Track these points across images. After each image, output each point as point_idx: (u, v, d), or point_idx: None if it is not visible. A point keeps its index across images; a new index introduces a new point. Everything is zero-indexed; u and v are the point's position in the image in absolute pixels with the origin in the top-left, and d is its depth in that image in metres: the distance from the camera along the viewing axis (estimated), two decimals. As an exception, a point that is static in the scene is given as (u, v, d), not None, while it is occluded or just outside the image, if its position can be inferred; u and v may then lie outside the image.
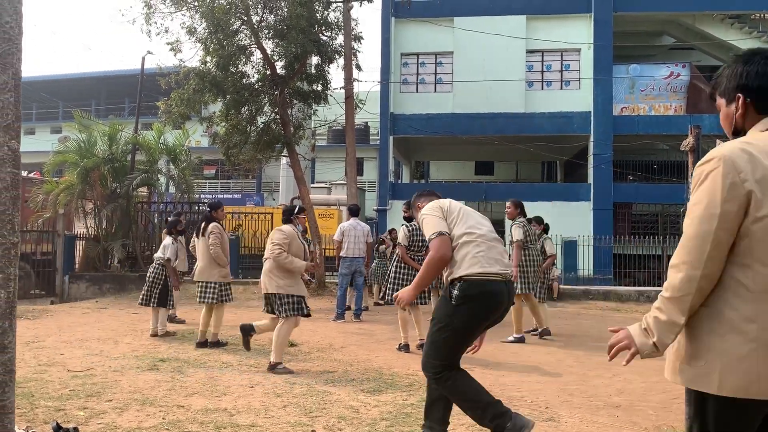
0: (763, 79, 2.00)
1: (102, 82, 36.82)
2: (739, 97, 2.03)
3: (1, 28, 1.80)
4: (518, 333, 8.14)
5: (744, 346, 1.84)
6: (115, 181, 16.93)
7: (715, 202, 1.85)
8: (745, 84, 2.02)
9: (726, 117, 2.11)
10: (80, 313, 11.40)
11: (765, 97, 2.00)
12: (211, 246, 7.59)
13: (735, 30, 21.51)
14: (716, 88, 2.17)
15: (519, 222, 8.24)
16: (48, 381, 5.64)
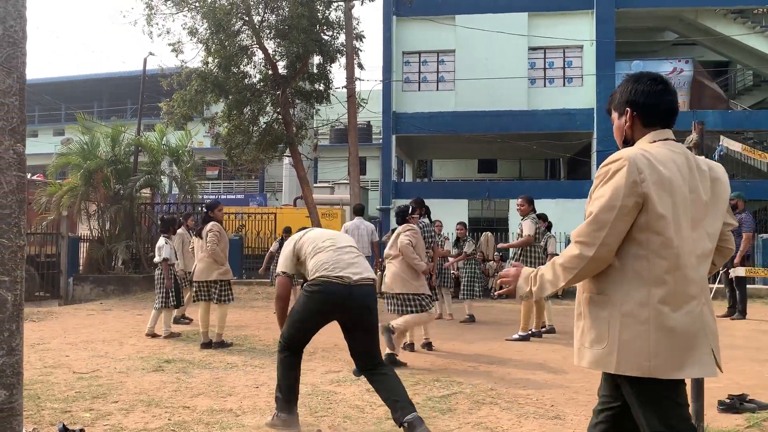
0: (649, 97, 2.33)
1: (104, 84, 36.88)
2: (628, 111, 2.35)
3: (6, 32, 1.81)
4: (523, 331, 8.13)
5: (637, 329, 2.10)
6: (118, 182, 16.96)
7: (618, 196, 2.11)
8: (634, 100, 2.34)
9: (617, 128, 2.43)
10: (85, 314, 11.42)
11: (649, 113, 2.33)
12: (209, 243, 7.58)
13: (738, 25, 21.44)
14: (611, 102, 2.46)
15: (531, 218, 8.27)
16: (54, 383, 5.65)
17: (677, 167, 2.19)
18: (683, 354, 2.10)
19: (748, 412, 4.56)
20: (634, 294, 2.12)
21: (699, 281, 2.17)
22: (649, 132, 2.33)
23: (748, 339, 8.13)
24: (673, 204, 2.13)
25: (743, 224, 9.87)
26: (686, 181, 2.19)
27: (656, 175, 2.13)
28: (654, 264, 2.11)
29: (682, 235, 2.14)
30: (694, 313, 2.13)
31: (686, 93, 21.18)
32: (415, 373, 6.07)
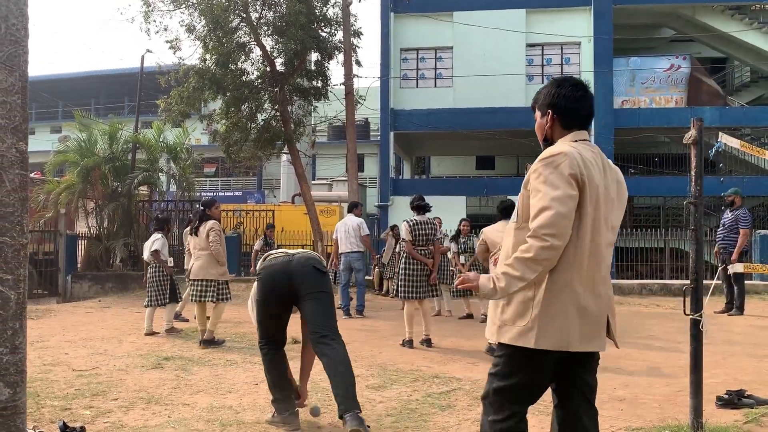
0: (568, 101, 2.52)
1: (101, 81, 36.82)
2: (550, 113, 2.56)
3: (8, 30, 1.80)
4: None
5: (558, 307, 2.32)
6: (116, 180, 16.93)
7: (569, 184, 2.31)
8: (555, 104, 2.54)
9: (539, 127, 2.65)
10: (83, 312, 11.41)
11: (568, 116, 2.53)
12: (212, 243, 7.51)
13: (735, 21, 21.45)
14: (535, 102, 2.67)
15: None
16: (53, 380, 5.65)
17: (596, 166, 2.42)
18: (591, 330, 2.38)
19: (746, 407, 4.58)
20: (559, 275, 2.33)
21: (607, 268, 2.45)
22: (568, 133, 2.53)
23: (746, 335, 8.16)
24: (595, 199, 2.36)
25: (740, 220, 9.87)
26: (602, 179, 2.42)
27: (587, 171, 2.35)
28: (577, 251, 2.33)
29: (599, 227, 2.38)
30: (604, 295, 2.42)
31: (683, 89, 21.19)
32: (414, 369, 6.09)
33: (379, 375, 5.81)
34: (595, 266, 2.39)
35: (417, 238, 7.53)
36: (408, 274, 7.47)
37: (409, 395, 5.06)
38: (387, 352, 7.07)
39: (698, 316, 3.94)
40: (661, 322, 9.45)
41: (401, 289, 7.51)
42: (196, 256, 7.73)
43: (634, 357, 6.74)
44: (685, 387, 4.11)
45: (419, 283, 7.43)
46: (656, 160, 24.06)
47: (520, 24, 21.05)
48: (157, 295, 8.66)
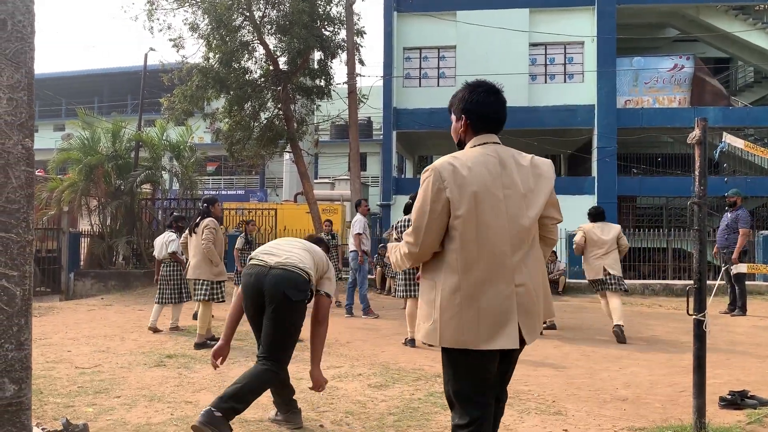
0: (479, 106, 2.63)
1: (105, 79, 36.87)
2: (463, 117, 2.67)
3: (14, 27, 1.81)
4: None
5: (453, 309, 2.45)
6: (118, 178, 16.96)
7: (427, 201, 2.48)
8: (468, 109, 2.65)
9: (454, 130, 2.77)
10: (86, 310, 11.43)
11: (479, 121, 2.63)
12: (204, 241, 7.42)
13: (739, 21, 21.39)
14: (451, 105, 2.79)
15: None
16: (56, 378, 5.66)
17: (486, 167, 2.50)
18: (491, 329, 2.43)
19: (749, 408, 4.57)
20: (449, 280, 2.47)
21: (512, 266, 2.47)
22: (476, 136, 2.63)
23: (749, 335, 8.15)
24: (476, 201, 2.45)
25: (740, 220, 9.91)
26: (496, 179, 2.49)
27: (459, 180, 2.45)
28: (461, 255, 2.45)
29: (489, 228, 2.45)
30: (503, 294, 2.45)
31: (687, 89, 21.15)
32: (417, 368, 6.09)
33: (381, 374, 5.81)
34: (491, 267, 2.45)
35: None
36: (407, 272, 7.47)
37: (411, 394, 5.07)
38: (389, 351, 7.07)
39: (701, 317, 3.93)
40: (663, 323, 9.44)
41: (401, 288, 7.53)
42: (192, 255, 7.66)
43: (636, 357, 6.73)
44: (688, 387, 4.11)
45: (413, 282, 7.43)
46: (659, 160, 24.02)
47: (524, 23, 21.02)
48: (171, 294, 8.66)
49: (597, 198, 20.51)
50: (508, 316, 2.46)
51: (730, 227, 10.08)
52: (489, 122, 2.64)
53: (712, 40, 22.46)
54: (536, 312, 2.55)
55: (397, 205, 21.03)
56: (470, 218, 2.45)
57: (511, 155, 2.58)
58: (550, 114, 21.05)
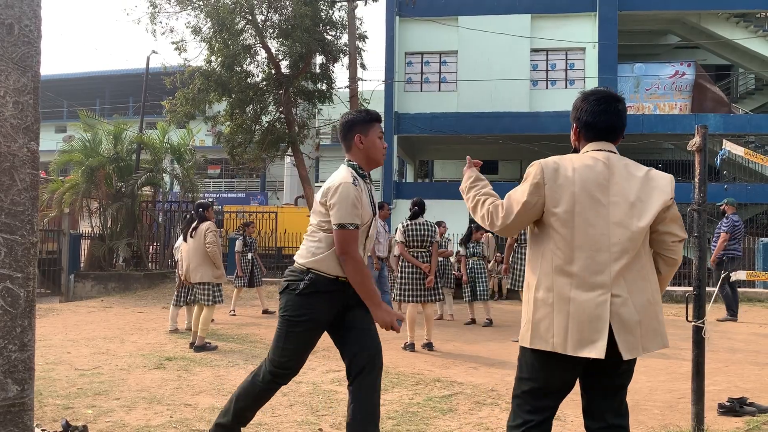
0: (588, 115, 2.63)
1: (106, 82, 36.94)
2: (574, 125, 2.73)
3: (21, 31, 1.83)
4: None
5: (544, 310, 2.42)
6: (120, 180, 16.98)
7: (525, 193, 2.52)
8: (579, 117, 2.69)
9: (572, 136, 2.79)
10: (86, 311, 11.44)
11: (587, 128, 2.65)
12: (210, 245, 7.43)
13: (740, 29, 21.44)
14: (571, 113, 2.78)
15: None
16: (56, 379, 5.67)
17: (593, 171, 2.48)
18: (578, 335, 2.36)
19: (748, 415, 4.58)
20: (544, 280, 2.45)
21: (610, 274, 2.38)
22: (588, 144, 2.65)
23: (748, 342, 8.15)
24: (575, 202, 2.43)
25: (723, 224, 10.31)
26: (602, 184, 2.46)
27: (561, 179, 2.46)
28: (557, 256, 2.43)
29: (587, 232, 2.41)
30: (596, 302, 2.37)
31: (688, 96, 21.18)
32: (416, 373, 6.09)
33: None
34: (587, 272, 2.39)
35: (410, 240, 7.49)
36: (405, 277, 7.47)
37: (410, 399, 5.07)
38: (388, 356, 7.06)
39: (700, 323, 3.94)
40: (663, 329, 9.43)
41: (399, 292, 7.52)
42: (191, 258, 7.59)
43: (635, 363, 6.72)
44: (686, 394, 4.12)
45: (418, 287, 7.40)
46: (660, 166, 23.90)
47: (525, 29, 21.07)
48: (187, 295, 8.66)
49: (597, 204, 20.50)
50: (598, 324, 2.36)
51: (718, 234, 10.42)
52: (598, 131, 2.63)
53: (714, 47, 22.51)
54: (636, 327, 2.40)
55: (398, 209, 21.03)
56: (568, 219, 2.43)
57: (623, 164, 2.54)
58: (552, 120, 21.07)
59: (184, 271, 7.81)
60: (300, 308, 3.22)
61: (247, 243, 11.44)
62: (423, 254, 7.48)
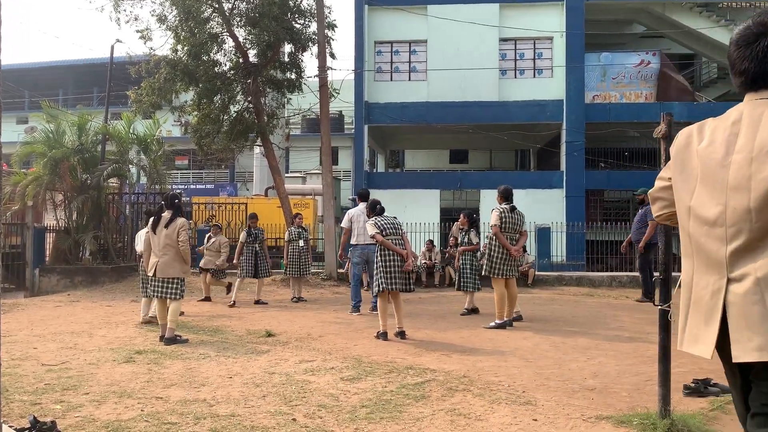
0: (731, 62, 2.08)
1: (70, 71, 36.07)
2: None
3: (-20, 18, 1.77)
4: (500, 319, 8.19)
5: (681, 305, 2.09)
6: (85, 172, 16.63)
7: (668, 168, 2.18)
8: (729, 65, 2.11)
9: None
10: (52, 306, 11.21)
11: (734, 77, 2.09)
12: (183, 243, 7.39)
13: (703, 18, 21.83)
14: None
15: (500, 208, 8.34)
16: (22, 375, 5.56)
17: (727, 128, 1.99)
18: (695, 329, 2.02)
19: (712, 395, 4.71)
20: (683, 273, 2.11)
21: (723, 257, 1.91)
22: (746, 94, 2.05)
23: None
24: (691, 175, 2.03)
25: (649, 213, 10.60)
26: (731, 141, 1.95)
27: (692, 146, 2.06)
28: (682, 242, 2.09)
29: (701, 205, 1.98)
30: (711, 288, 1.95)
31: (653, 85, 21.52)
32: (389, 361, 6.12)
33: (353, 367, 5.83)
34: (702, 257, 1.99)
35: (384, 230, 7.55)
36: (378, 266, 7.48)
37: (383, 386, 5.09)
38: (361, 345, 7.10)
39: (666, 307, 4.03)
40: (630, 314, 9.64)
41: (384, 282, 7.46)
42: (162, 253, 7.43)
43: (604, 347, 6.86)
44: (653, 376, 4.21)
45: (392, 275, 7.42)
46: (626, 154, 24.40)
47: (494, 18, 21.14)
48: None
49: (566, 192, 20.80)
50: (711, 315, 1.95)
51: (641, 221, 10.94)
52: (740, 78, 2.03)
53: (678, 36, 22.90)
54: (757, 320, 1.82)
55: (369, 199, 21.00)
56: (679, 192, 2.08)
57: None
58: (520, 109, 21.24)
59: (151, 264, 7.59)
60: None
61: (252, 234, 11.42)
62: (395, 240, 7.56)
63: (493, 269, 8.25)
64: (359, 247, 9.83)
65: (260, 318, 9.37)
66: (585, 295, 12.77)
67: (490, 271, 8.27)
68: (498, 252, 8.23)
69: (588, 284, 14.11)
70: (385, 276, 7.40)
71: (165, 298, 7.44)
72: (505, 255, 8.22)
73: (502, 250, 8.22)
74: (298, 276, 11.87)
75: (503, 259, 8.22)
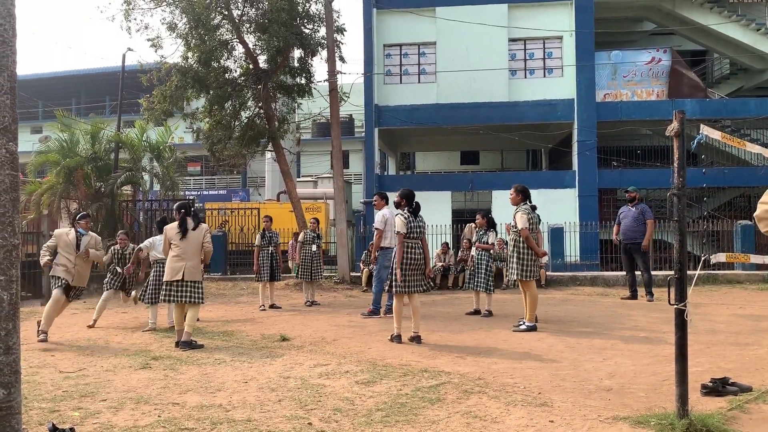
0: None
1: (82, 81, 36.44)
2: None
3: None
4: (530, 321, 8.10)
5: None
6: (98, 180, 16.80)
7: None
8: None
9: None
10: (68, 314, 11.29)
11: None
12: (208, 244, 7.62)
13: (714, 14, 21.66)
14: None
15: (524, 209, 8.20)
16: (40, 383, 5.61)
17: None
18: None
19: (730, 395, 4.66)
20: None
21: None
22: None
23: (729, 324, 8.28)
24: None
25: (646, 212, 11.00)
26: None
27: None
28: None
29: None
30: None
31: (665, 82, 21.37)
32: (404, 364, 6.11)
33: (368, 370, 5.83)
34: None
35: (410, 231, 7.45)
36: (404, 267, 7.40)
37: (398, 389, 5.09)
38: (376, 348, 7.09)
39: (682, 306, 4.00)
40: (646, 313, 9.57)
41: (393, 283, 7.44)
42: (184, 258, 7.47)
43: (620, 347, 6.82)
44: (670, 376, 4.18)
45: (412, 278, 7.38)
46: (638, 152, 24.25)
47: (503, 19, 21.11)
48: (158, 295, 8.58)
49: (578, 191, 20.70)
50: None
51: (638, 220, 11.01)
52: None
53: (689, 33, 22.73)
54: None
55: (380, 202, 21.02)
56: None
57: None
58: (531, 109, 21.18)
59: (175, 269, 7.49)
60: None
61: (266, 237, 11.36)
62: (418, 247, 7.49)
63: (525, 272, 8.11)
64: (391, 250, 9.19)
65: (274, 322, 9.40)
66: (600, 294, 12.69)
67: (524, 274, 8.09)
68: (528, 254, 8.12)
69: (602, 284, 14.03)
70: (403, 277, 7.35)
71: (187, 302, 7.48)
72: (534, 256, 8.14)
73: (530, 251, 8.12)
74: (310, 280, 11.88)
75: (534, 261, 8.15)
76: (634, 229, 11.05)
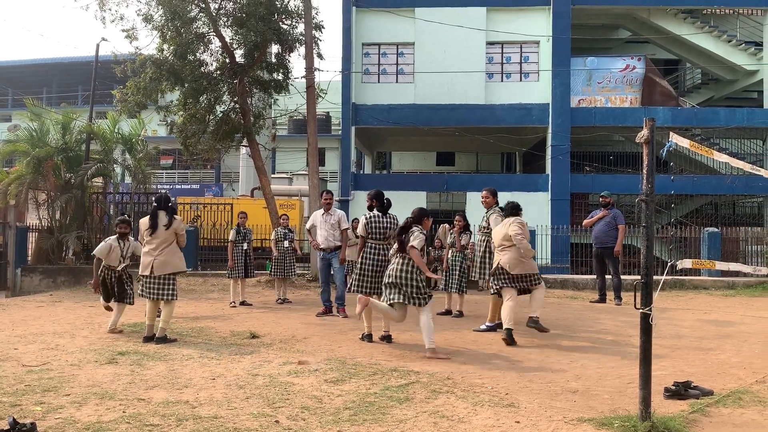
0: None
1: (54, 70, 35.74)
2: None
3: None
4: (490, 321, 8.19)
5: None
6: (68, 171, 16.49)
7: None
8: None
9: None
10: (34, 306, 11.10)
11: None
12: (183, 236, 7.60)
13: (688, 25, 22.08)
14: None
15: (496, 211, 8.33)
16: (2, 376, 5.49)
17: None
18: None
19: (692, 398, 4.75)
20: None
21: None
22: None
23: (693, 329, 8.44)
24: None
25: (618, 217, 11.22)
26: None
27: None
28: None
29: None
30: None
31: (638, 90, 21.72)
32: (373, 363, 6.12)
33: (337, 369, 5.82)
34: None
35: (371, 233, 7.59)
36: (365, 269, 7.50)
37: (367, 388, 5.09)
38: (345, 347, 7.09)
39: (648, 310, 4.07)
40: (613, 317, 9.70)
41: (355, 283, 7.53)
42: (153, 253, 7.39)
43: (587, 350, 6.91)
44: (635, 379, 4.24)
45: (373, 279, 7.45)
46: (611, 158, 24.60)
47: (481, 22, 21.24)
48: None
49: (551, 195, 20.92)
50: None
51: (610, 225, 11.20)
52: None
53: (663, 42, 23.13)
54: None
55: (356, 200, 21.02)
56: None
57: None
58: (506, 112, 21.36)
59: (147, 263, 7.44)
60: None
61: (241, 233, 11.27)
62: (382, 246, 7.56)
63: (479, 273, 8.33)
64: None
65: (245, 319, 9.33)
66: (569, 297, 12.82)
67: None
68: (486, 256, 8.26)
69: (572, 287, 14.19)
70: (360, 279, 7.44)
71: (156, 299, 7.40)
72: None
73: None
74: (283, 277, 11.82)
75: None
76: (606, 233, 11.23)
